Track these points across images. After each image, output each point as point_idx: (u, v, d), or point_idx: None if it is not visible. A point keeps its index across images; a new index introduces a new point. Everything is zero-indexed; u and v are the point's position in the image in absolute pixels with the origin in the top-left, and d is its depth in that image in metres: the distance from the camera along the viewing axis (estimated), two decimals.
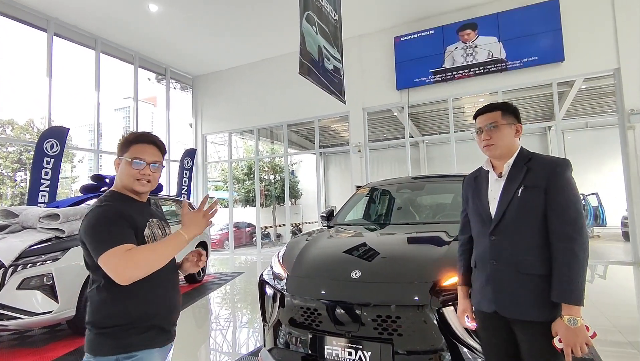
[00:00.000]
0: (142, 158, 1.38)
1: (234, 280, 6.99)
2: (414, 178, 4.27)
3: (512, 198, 1.50)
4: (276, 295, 2.37)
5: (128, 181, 1.37)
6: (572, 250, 1.36)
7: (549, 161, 1.50)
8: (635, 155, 7.15)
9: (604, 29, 7.45)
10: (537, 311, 1.41)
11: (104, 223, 1.25)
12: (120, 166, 1.39)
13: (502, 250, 1.50)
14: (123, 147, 1.40)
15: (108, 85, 71.86)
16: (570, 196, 1.43)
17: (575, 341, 1.31)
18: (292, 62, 9.86)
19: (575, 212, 1.41)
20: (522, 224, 1.47)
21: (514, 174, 1.54)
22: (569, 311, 1.33)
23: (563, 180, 1.44)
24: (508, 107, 1.63)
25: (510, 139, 1.58)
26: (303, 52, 5.13)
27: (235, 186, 18.73)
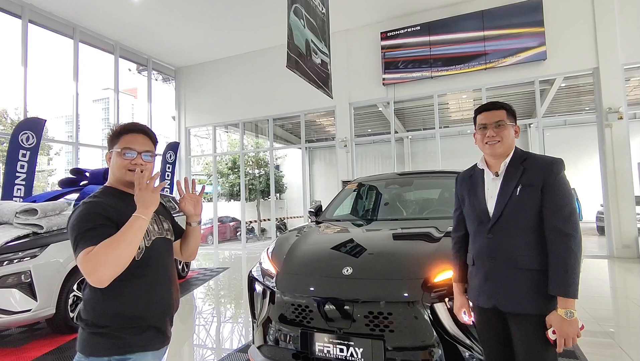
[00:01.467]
0: (133, 148, 1.33)
1: (218, 276, 6.92)
2: (402, 174, 4.29)
3: (510, 197, 1.54)
4: (266, 291, 2.35)
5: (120, 173, 1.33)
6: (568, 246, 1.41)
7: (545, 161, 1.55)
8: (611, 153, 7.39)
9: (584, 30, 7.63)
10: (534, 305, 1.46)
11: (84, 222, 1.19)
12: (111, 159, 1.35)
13: (500, 247, 1.54)
14: (113, 139, 1.35)
15: (87, 76, 69.34)
16: (566, 194, 1.48)
17: (568, 332, 1.37)
18: (279, 55, 9.76)
19: (570, 209, 1.46)
20: (520, 222, 1.52)
21: (511, 173, 1.58)
22: (565, 304, 1.39)
23: (559, 179, 1.50)
24: (510, 107, 1.67)
25: (511, 139, 1.63)
26: (290, 46, 5.07)
27: (219, 180, 18.50)
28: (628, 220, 7.25)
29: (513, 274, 1.50)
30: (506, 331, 1.55)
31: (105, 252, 1.13)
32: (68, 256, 3.78)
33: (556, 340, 1.39)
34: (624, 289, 5.30)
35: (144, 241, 1.30)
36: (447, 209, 3.36)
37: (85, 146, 10.68)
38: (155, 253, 1.34)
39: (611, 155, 7.38)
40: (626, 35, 7.36)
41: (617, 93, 7.41)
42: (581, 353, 3.01)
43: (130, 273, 1.22)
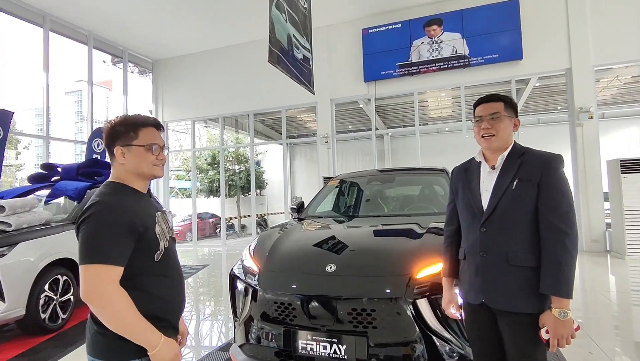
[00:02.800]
0: (157, 143, 1.30)
1: (197, 273, 6.81)
2: (384, 171, 4.32)
3: (505, 190, 1.50)
4: (248, 289, 2.32)
5: (147, 168, 1.28)
6: (563, 243, 1.38)
7: (544, 156, 1.51)
8: (582, 151, 7.68)
9: (558, 32, 7.88)
10: (525, 303, 1.42)
11: (106, 231, 1.13)
12: (128, 154, 1.26)
13: (493, 242, 1.50)
14: (128, 133, 1.26)
15: (58, 67, 66.94)
16: (563, 191, 1.45)
17: (562, 333, 1.34)
18: (260, 50, 9.61)
19: (567, 206, 1.43)
20: (514, 217, 1.48)
21: (508, 167, 1.54)
22: (560, 304, 1.35)
23: (557, 176, 1.46)
24: (510, 100, 1.62)
25: (510, 132, 1.58)
26: (272, 40, 5.01)
27: (198, 176, 18.18)
28: (597, 215, 7.56)
29: (504, 270, 1.47)
30: (495, 328, 1.52)
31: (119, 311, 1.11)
32: (39, 255, 3.64)
33: (549, 339, 1.36)
34: (593, 282, 5.53)
35: (163, 242, 1.28)
36: (428, 205, 3.42)
37: (56, 140, 10.25)
38: (171, 252, 1.33)
39: (582, 153, 7.67)
40: (597, 38, 7.64)
41: (588, 93, 7.69)
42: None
43: (154, 274, 1.24)
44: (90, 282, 1.09)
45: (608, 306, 4.27)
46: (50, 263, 3.75)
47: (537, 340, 1.40)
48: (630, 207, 6.62)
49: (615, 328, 3.72)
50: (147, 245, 1.21)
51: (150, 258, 1.22)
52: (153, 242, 1.23)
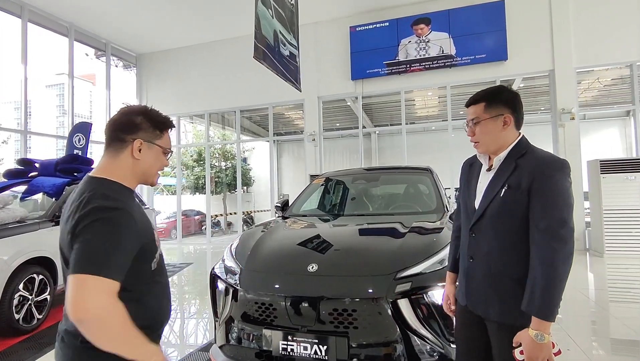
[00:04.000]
0: (171, 150, 1.22)
1: (181, 271, 6.72)
2: (369, 170, 4.32)
3: (494, 196, 1.39)
4: (229, 289, 2.28)
5: (154, 172, 1.18)
6: (551, 260, 1.22)
7: (540, 159, 1.35)
8: (564, 151, 7.83)
9: (542, 33, 8.00)
10: (504, 314, 1.35)
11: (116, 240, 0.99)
12: (146, 151, 1.13)
13: (479, 247, 1.43)
14: (154, 131, 1.15)
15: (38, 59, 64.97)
16: (557, 200, 1.27)
17: (537, 356, 1.22)
18: (247, 46, 9.47)
19: (560, 218, 1.25)
20: (501, 225, 1.37)
21: (503, 170, 1.40)
22: (538, 326, 1.22)
23: (551, 183, 1.28)
24: (496, 95, 1.44)
25: (497, 134, 1.41)
26: (258, 36, 4.94)
27: (184, 172, 17.93)
28: (577, 214, 7.72)
29: (487, 278, 1.40)
30: (482, 331, 1.45)
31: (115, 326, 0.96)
32: (13, 253, 3.53)
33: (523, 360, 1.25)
34: (572, 280, 5.62)
35: (159, 248, 1.21)
36: (412, 205, 3.43)
37: (36, 135, 9.94)
38: (162, 259, 1.24)
39: (563, 154, 7.82)
40: (579, 40, 7.79)
41: (570, 94, 7.84)
42: None
43: (149, 282, 1.14)
44: (88, 295, 0.92)
45: (586, 304, 4.36)
46: (26, 262, 3.63)
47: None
48: (609, 207, 6.78)
49: (592, 324, 3.81)
50: (148, 254, 1.12)
51: (148, 267, 1.13)
52: (153, 249, 1.14)
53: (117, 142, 1.11)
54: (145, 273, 1.12)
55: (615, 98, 12.66)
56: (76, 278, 0.93)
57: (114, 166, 1.11)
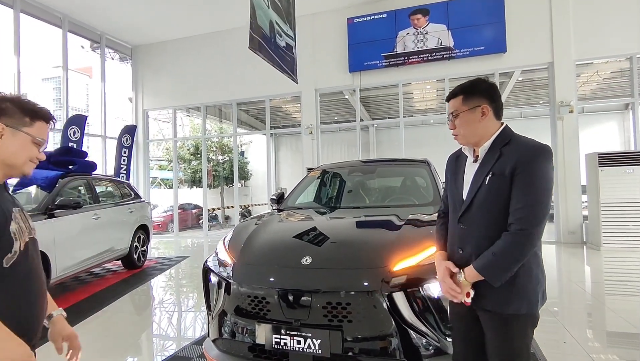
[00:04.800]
0: (45, 140, 1.14)
1: (178, 265, 6.69)
2: (366, 162, 4.27)
3: (480, 185, 1.42)
4: (221, 283, 2.24)
5: (20, 160, 1.09)
6: (515, 237, 1.31)
7: (522, 146, 1.39)
8: (562, 144, 7.80)
9: (541, 25, 7.92)
10: (496, 303, 1.38)
11: None
12: (5, 138, 1.06)
13: (469, 238, 1.45)
14: (22, 118, 1.09)
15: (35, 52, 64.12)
16: (534, 184, 1.32)
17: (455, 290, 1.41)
18: (244, 37, 9.32)
19: (534, 200, 1.31)
20: (487, 214, 1.40)
21: (487, 159, 1.44)
22: (470, 272, 1.38)
23: (532, 168, 1.33)
24: (473, 87, 1.48)
25: (476, 125, 1.45)
26: (253, 26, 4.86)
27: (181, 166, 17.86)
28: (574, 207, 7.73)
29: None
30: (475, 323, 1.47)
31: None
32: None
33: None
34: (569, 272, 5.66)
35: (19, 243, 1.05)
36: (408, 197, 3.39)
37: None
38: (26, 259, 1.08)
39: (562, 147, 7.80)
40: (579, 33, 7.72)
41: (569, 87, 7.79)
42: None
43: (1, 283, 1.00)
44: None
45: (582, 296, 4.36)
46: None
47: (515, 342, 1.37)
48: (606, 200, 6.77)
49: (588, 316, 3.81)
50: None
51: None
52: (5, 242, 1.01)
53: None
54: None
55: (614, 92, 12.61)
56: None
57: None
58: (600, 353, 2.83)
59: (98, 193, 5.54)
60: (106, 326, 3.72)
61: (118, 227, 5.70)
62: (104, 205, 5.50)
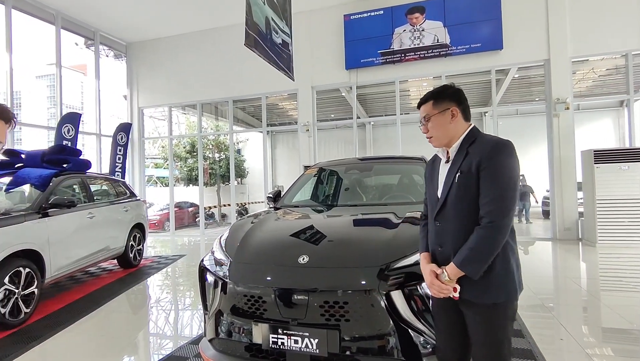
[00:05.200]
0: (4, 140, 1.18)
1: (175, 263, 6.66)
2: (363, 160, 4.25)
3: (451, 184, 1.51)
4: (218, 282, 2.22)
5: None
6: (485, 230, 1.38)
7: (485, 143, 1.47)
8: (558, 141, 7.82)
9: (537, 23, 7.92)
10: (475, 295, 1.45)
11: None
12: None
13: (445, 235, 1.53)
14: None
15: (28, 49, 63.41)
16: (498, 178, 1.40)
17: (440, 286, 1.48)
18: (239, 34, 9.26)
19: (499, 194, 1.38)
20: (460, 210, 1.48)
21: (457, 159, 1.53)
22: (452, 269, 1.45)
23: (493, 163, 1.41)
24: (441, 92, 1.59)
25: (446, 127, 1.55)
26: (249, 23, 4.82)
27: (177, 164, 17.76)
28: (570, 204, 7.76)
29: None
30: (458, 315, 1.54)
31: None
32: None
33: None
34: (564, 269, 5.68)
35: None
36: (405, 195, 3.38)
37: (27, 126, 9.74)
38: None
39: (558, 144, 7.82)
40: (575, 30, 7.73)
41: (565, 84, 7.80)
42: (523, 325, 3.18)
43: None
44: None
45: (578, 293, 4.38)
46: (12, 255, 3.54)
47: (497, 330, 1.45)
48: (602, 197, 6.81)
49: (584, 312, 3.82)
50: None
51: None
52: None
53: None
54: None
55: (610, 89, 12.67)
56: None
57: None
58: (596, 348, 2.84)
59: (93, 191, 5.49)
60: (102, 326, 3.69)
61: (113, 226, 5.66)
62: (98, 203, 5.45)
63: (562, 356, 2.77)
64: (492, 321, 1.45)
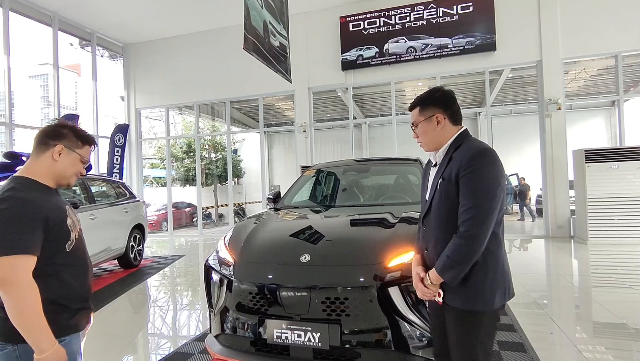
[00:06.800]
0: (89, 160, 1.47)
1: (174, 263, 6.73)
2: (360, 161, 4.36)
3: (435, 189, 1.53)
4: (223, 280, 2.32)
5: (69, 174, 1.40)
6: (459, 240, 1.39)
7: (466, 150, 1.46)
8: (550, 141, 7.98)
9: (530, 24, 8.07)
10: (452, 299, 1.47)
11: (16, 222, 1.19)
12: (62, 156, 1.37)
13: (429, 239, 1.55)
14: (76, 141, 1.40)
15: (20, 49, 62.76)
16: (474, 188, 1.39)
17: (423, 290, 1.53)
18: (236, 36, 9.33)
19: (473, 204, 1.38)
20: (441, 215, 1.49)
21: (442, 164, 1.54)
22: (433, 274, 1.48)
23: (471, 172, 1.40)
24: (428, 98, 1.59)
25: (433, 132, 1.56)
26: (248, 27, 4.90)
27: (174, 164, 17.78)
28: (562, 202, 7.92)
29: None
30: (445, 317, 1.56)
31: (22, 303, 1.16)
32: None
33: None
34: (557, 266, 5.83)
35: (74, 233, 1.38)
36: (402, 195, 3.49)
37: (21, 127, 9.74)
38: (80, 242, 1.43)
39: (550, 143, 7.98)
40: (566, 32, 7.89)
41: (557, 85, 7.96)
42: (516, 321, 3.30)
43: (65, 263, 1.33)
44: (6, 272, 1.15)
45: (569, 289, 4.52)
46: None
47: (471, 335, 1.45)
48: (593, 195, 6.97)
49: (575, 308, 3.95)
50: (60, 236, 1.31)
51: (62, 248, 1.31)
52: (65, 233, 1.33)
53: (43, 145, 1.35)
54: (60, 253, 1.31)
55: (601, 88, 12.87)
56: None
57: (32, 165, 1.34)
58: (588, 344, 2.95)
59: (93, 193, 5.56)
60: (105, 325, 3.77)
61: (114, 227, 5.72)
62: (99, 205, 5.52)
63: (554, 351, 2.89)
64: (467, 328, 1.46)
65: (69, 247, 1.34)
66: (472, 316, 1.45)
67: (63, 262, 1.32)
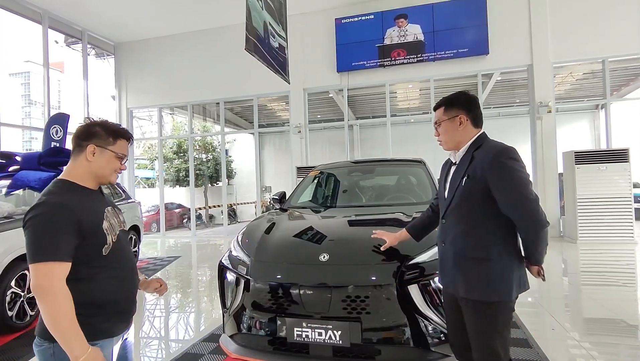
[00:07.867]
0: (126, 155, 1.43)
1: (170, 265, 6.66)
2: (359, 162, 4.40)
3: (457, 186, 1.61)
4: (239, 280, 2.33)
5: (107, 172, 1.37)
6: (527, 230, 1.52)
7: (490, 150, 1.55)
8: (541, 142, 8.18)
9: (521, 29, 8.27)
10: (469, 291, 1.55)
11: (50, 228, 1.18)
12: (96, 155, 1.34)
13: (448, 233, 1.65)
14: (107, 138, 1.36)
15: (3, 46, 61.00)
16: (507, 180, 1.48)
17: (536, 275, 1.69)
18: (231, 36, 9.37)
19: (515, 196, 1.47)
20: (463, 211, 1.59)
21: (463, 163, 1.63)
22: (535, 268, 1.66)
23: (498, 167, 1.50)
24: (453, 99, 1.69)
25: (454, 132, 1.65)
26: (249, 28, 4.91)
27: (164, 165, 17.57)
28: (552, 202, 8.12)
29: (453, 260, 1.61)
30: (460, 310, 1.64)
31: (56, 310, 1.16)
32: (4, 250, 3.43)
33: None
34: (547, 265, 5.94)
35: (111, 236, 1.34)
36: (409, 196, 3.55)
37: (7, 126, 9.49)
38: (121, 245, 1.39)
39: (540, 145, 8.18)
40: (556, 37, 8.11)
41: (547, 88, 8.17)
42: (517, 318, 3.39)
43: (100, 266, 1.30)
44: (41, 279, 1.16)
45: (560, 287, 4.65)
46: (17, 258, 3.54)
47: (490, 326, 1.53)
48: (582, 196, 7.17)
49: (566, 306, 4.07)
50: (95, 241, 1.28)
51: (98, 252, 1.29)
52: (101, 237, 1.30)
53: (77, 147, 1.34)
54: (97, 257, 1.29)
55: (586, 92, 13.23)
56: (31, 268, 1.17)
57: (71, 168, 1.34)
58: (589, 340, 3.06)
59: None
60: None
61: None
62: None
63: (557, 345, 2.99)
64: (483, 318, 1.53)
65: (105, 251, 1.31)
66: (490, 307, 1.52)
67: (99, 265, 1.30)
